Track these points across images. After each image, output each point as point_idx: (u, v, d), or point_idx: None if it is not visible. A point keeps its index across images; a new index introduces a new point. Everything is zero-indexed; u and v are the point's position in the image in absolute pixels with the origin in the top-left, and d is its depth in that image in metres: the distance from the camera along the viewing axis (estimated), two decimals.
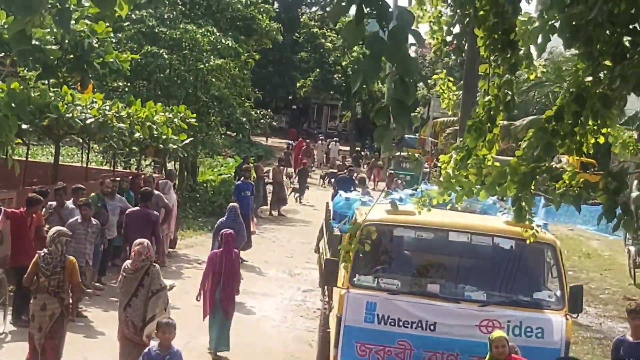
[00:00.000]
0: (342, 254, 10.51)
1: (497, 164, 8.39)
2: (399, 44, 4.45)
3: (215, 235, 17.75)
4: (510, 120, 45.10)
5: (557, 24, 6.92)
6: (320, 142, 59.65)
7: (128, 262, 11.82)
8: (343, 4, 4.62)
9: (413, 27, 4.58)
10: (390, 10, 4.60)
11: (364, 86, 4.98)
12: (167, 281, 12.46)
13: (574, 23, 6.61)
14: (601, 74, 7.14)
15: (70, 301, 12.06)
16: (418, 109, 63.62)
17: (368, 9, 4.59)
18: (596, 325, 18.93)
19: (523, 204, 7.87)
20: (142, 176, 22.62)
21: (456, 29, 8.67)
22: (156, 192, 19.31)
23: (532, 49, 8.68)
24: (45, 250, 11.84)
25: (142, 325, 11.43)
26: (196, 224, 27.43)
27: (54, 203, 16.62)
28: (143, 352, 10.48)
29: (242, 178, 25.20)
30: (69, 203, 16.73)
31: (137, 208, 17.89)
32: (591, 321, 19.52)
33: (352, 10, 4.63)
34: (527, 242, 11.09)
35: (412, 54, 55.92)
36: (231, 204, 20.24)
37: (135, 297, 11.57)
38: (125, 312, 11.63)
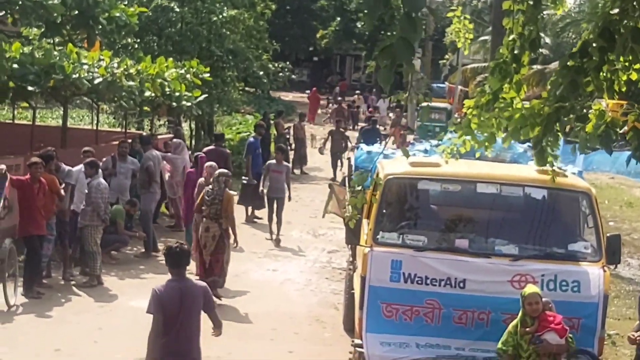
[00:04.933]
0: (351, 209, 10.39)
1: (527, 105, 8.23)
2: None
3: None
4: (545, 64, 44.79)
5: None
6: (357, 97, 57.40)
7: (202, 179, 16.85)
8: None
9: None
10: None
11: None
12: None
13: None
14: (631, 5, 6.94)
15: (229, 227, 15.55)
16: (447, 55, 63.08)
17: None
18: (639, 277, 18.79)
19: (545, 146, 7.69)
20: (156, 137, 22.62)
21: None
22: (151, 152, 19.38)
23: None
24: (209, 187, 15.63)
25: None
26: None
27: (66, 167, 16.49)
28: None
29: (255, 136, 24.88)
30: (64, 166, 16.55)
31: (212, 147, 21.63)
32: (634, 273, 19.40)
33: None
34: (560, 190, 10.94)
35: None
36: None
37: None
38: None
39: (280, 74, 39.54)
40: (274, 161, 21.46)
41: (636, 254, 21.27)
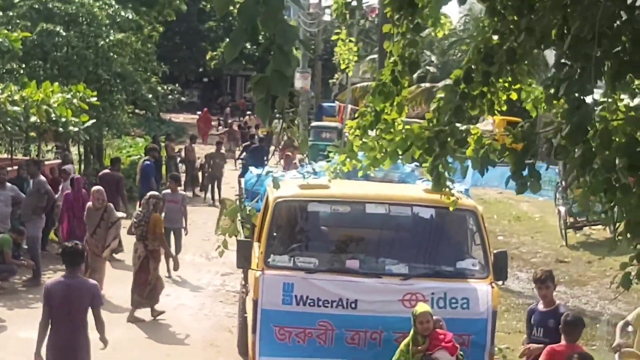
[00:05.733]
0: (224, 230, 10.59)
1: (408, 126, 8.34)
2: (274, 10, 4.34)
3: None
4: (433, 82, 45.50)
5: None
6: (248, 117, 57.20)
7: (90, 204, 17.13)
8: None
9: None
10: None
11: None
12: (119, 214, 17.83)
13: None
14: (509, 29, 7.10)
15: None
16: (336, 75, 63.62)
17: None
18: (528, 290, 19.11)
19: (441, 169, 7.80)
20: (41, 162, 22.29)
21: None
22: (41, 178, 19.25)
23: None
24: (139, 209, 16.86)
25: (103, 246, 16.81)
26: None
27: None
28: None
29: (149, 159, 24.86)
30: None
31: (107, 171, 22.93)
32: (523, 287, 19.74)
33: None
34: (448, 209, 11.11)
35: (327, 17, 55.80)
36: None
37: (99, 228, 16.85)
38: (93, 238, 16.84)
39: (170, 96, 39.34)
40: (168, 191, 20.64)
41: (525, 268, 21.68)
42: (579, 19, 5.74)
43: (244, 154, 33.95)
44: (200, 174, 32.63)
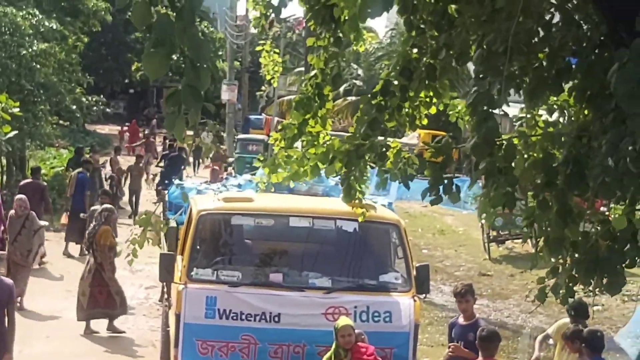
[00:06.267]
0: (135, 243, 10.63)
1: (330, 139, 8.38)
2: (187, 26, 4.36)
3: None
4: (359, 96, 45.64)
5: None
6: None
7: (12, 212, 17.33)
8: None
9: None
10: None
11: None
12: (41, 222, 17.96)
13: None
14: (430, 44, 7.16)
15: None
16: (263, 87, 63.61)
17: None
18: (451, 303, 19.19)
19: (352, 181, 7.84)
20: None
21: (275, 1, 8.63)
22: None
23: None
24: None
25: (28, 254, 17.11)
26: None
27: None
28: None
29: (83, 171, 24.82)
30: None
31: (29, 180, 22.81)
32: (446, 300, 19.87)
33: None
34: (371, 222, 11.17)
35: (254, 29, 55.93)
36: None
37: (20, 235, 17.07)
38: (13, 246, 17.03)
39: (95, 107, 38.94)
40: (99, 206, 19.83)
41: (448, 281, 21.84)
42: (493, 33, 5.81)
43: (162, 162, 33.97)
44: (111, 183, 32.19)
